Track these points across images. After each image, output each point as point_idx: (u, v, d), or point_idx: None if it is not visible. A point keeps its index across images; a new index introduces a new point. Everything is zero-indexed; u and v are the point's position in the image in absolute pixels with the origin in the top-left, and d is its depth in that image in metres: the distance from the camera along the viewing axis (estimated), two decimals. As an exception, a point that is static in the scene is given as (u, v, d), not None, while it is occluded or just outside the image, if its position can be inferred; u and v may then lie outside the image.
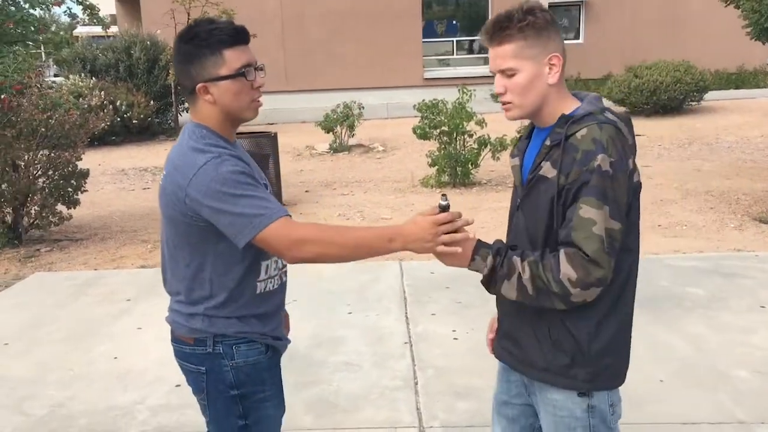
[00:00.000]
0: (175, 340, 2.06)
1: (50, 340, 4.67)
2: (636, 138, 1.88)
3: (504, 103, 1.86)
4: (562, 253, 1.72)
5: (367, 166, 11.54)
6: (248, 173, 1.87)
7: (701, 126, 13.64)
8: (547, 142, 1.80)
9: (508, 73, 1.79)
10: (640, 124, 13.96)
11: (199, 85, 1.90)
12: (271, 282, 2.04)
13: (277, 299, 2.08)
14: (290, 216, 1.84)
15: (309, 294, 5.15)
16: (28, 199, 7.16)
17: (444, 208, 1.82)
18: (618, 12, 20.28)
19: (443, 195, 1.89)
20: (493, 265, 1.79)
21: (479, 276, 1.85)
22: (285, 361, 2.23)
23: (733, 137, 12.26)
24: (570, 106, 1.84)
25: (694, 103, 15.55)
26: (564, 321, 1.81)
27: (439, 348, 4.28)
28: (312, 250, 1.80)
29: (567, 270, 1.70)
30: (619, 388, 1.98)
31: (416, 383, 3.85)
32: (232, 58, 1.88)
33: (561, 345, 1.84)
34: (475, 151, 9.26)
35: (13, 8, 7.70)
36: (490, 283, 1.82)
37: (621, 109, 1.90)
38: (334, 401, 3.69)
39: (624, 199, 1.74)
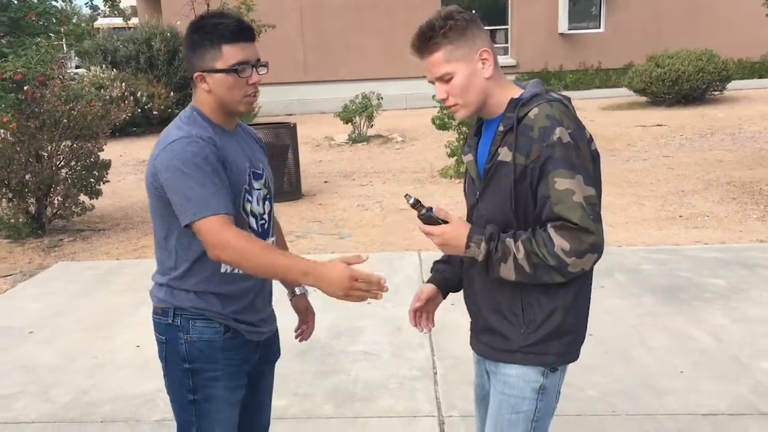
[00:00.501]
0: (153, 310, 2.16)
1: (74, 328, 4.74)
2: (657, 127, 1.89)
3: (450, 107, 1.90)
4: (550, 227, 1.76)
5: (385, 156, 11.54)
6: (212, 162, 1.92)
7: (724, 116, 13.46)
8: (500, 128, 1.84)
9: (446, 78, 1.84)
10: (661, 114, 13.82)
11: (197, 74, 2.01)
12: None
13: (246, 284, 2.09)
14: (229, 216, 1.90)
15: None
16: (51, 189, 7.25)
17: (414, 205, 1.88)
18: (640, 0, 20.02)
19: (407, 195, 1.91)
20: (487, 250, 1.81)
21: None
22: (305, 350, 2.26)
23: (756, 127, 12.09)
24: (515, 92, 1.89)
25: (716, 93, 15.31)
26: (539, 298, 1.87)
27: (458, 338, 4.27)
28: (231, 256, 1.87)
29: (560, 242, 1.74)
30: (638, 380, 2.02)
31: (435, 373, 3.86)
32: (230, 54, 1.97)
33: (535, 323, 1.89)
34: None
35: (35, 0, 7.78)
36: (488, 268, 1.84)
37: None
38: (353, 390, 3.71)
39: (590, 165, 1.80)
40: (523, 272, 1.79)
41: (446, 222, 1.88)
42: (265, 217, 2.16)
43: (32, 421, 3.54)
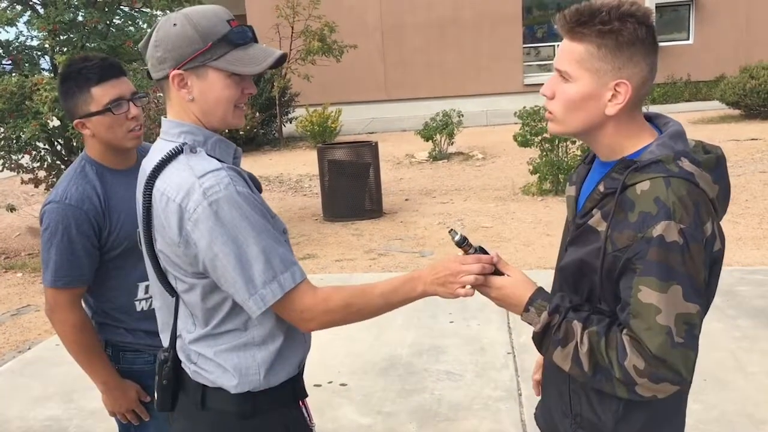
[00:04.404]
0: None
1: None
2: (752, 141, 1.63)
3: (545, 110, 1.54)
4: (626, 337, 1.38)
5: (466, 174, 11.50)
6: (73, 232, 2.02)
7: (825, 128, 12.76)
8: (600, 188, 1.46)
9: (563, 75, 1.45)
10: (757, 128, 13.22)
11: (76, 122, 2.08)
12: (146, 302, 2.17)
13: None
14: (67, 289, 2.07)
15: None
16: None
17: (461, 243, 1.57)
18: (731, 10, 19.28)
19: (451, 230, 1.59)
20: (547, 323, 1.46)
21: None
22: (387, 368, 2.26)
23: None
24: (636, 143, 1.46)
25: (816, 105, 14.57)
26: (589, 395, 1.54)
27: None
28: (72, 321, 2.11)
29: (633, 357, 1.36)
30: (735, 407, 1.82)
31: (520, 394, 3.80)
32: (99, 95, 2.02)
33: (581, 422, 1.56)
34: (579, 157, 9.05)
35: (132, 28, 8.21)
36: (541, 343, 1.50)
37: (713, 146, 1.51)
38: (436, 410, 3.70)
39: (701, 273, 1.37)
40: (580, 369, 1.43)
41: (502, 274, 1.55)
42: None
43: None
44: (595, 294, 1.49)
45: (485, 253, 1.57)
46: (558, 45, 1.60)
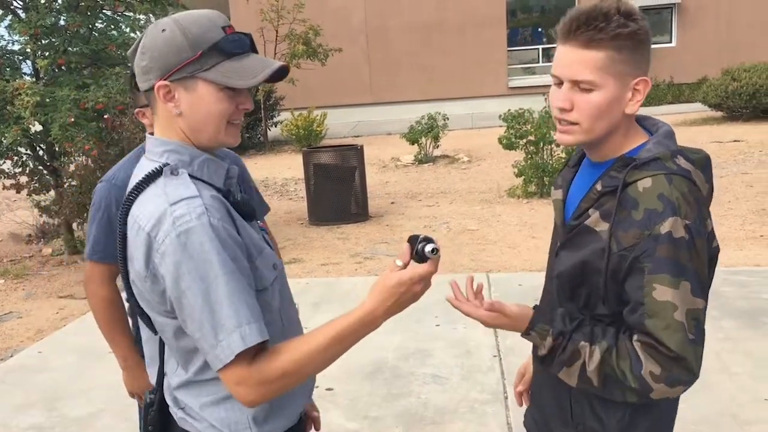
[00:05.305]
0: None
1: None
2: (734, 143, 1.65)
3: (565, 123, 1.44)
4: (636, 342, 1.37)
5: (452, 176, 11.52)
6: None
7: (806, 130, 12.91)
8: (598, 187, 1.44)
9: (583, 87, 1.38)
10: (739, 129, 13.34)
11: (136, 110, 2.22)
12: None
13: None
14: (96, 262, 2.18)
15: (396, 306, 5.17)
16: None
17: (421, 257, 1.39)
18: (713, 13, 19.48)
19: (434, 249, 1.39)
20: (552, 346, 1.45)
21: None
22: (374, 372, 2.25)
23: (842, 141, 11.55)
24: (632, 142, 1.46)
25: (797, 107, 14.74)
26: (593, 404, 1.52)
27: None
28: None
29: (649, 365, 1.35)
30: (720, 408, 1.84)
31: (506, 397, 3.80)
32: None
33: (585, 431, 1.55)
34: (563, 160, 9.09)
35: (115, 32, 8.15)
36: (546, 363, 1.48)
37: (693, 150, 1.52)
38: (423, 414, 3.69)
39: (705, 269, 1.38)
40: (589, 385, 1.42)
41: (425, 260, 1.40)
42: None
43: (112, 439, 3.66)
44: (593, 298, 1.47)
45: (430, 241, 1.38)
46: (542, 48, 1.56)
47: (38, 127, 7.29)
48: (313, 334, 1.35)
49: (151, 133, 1.45)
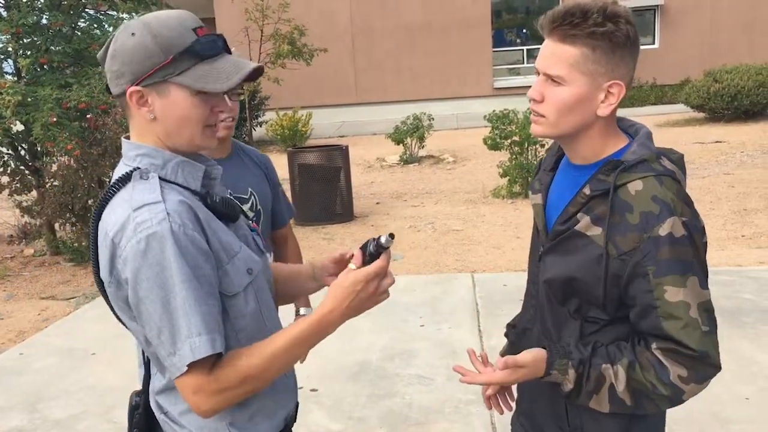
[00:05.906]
0: None
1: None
2: (716, 144, 1.67)
3: (536, 114, 1.46)
4: (657, 350, 1.38)
5: (437, 177, 11.53)
6: None
7: (787, 131, 13.05)
8: (586, 191, 1.43)
9: (554, 79, 1.40)
10: (720, 130, 13.47)
11: None
12: None
13: None
14: None
15: (381, 306, 5.15)
16: (113, 213, 7.45)
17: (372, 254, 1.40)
18: (695, 15, 19.66)
19: (386, 237, 1.40)
20: (576, 378, 1.43)
21: None
22: (358, 372, 2.24)
23: (822, 142, 11.69)
24: (614, 145, 1.46)
25: (778, 108, 14.92)
26: (591, 414, 1.50)
27: (513, 361, 4.22)
28: None
29: (675, 369, 1.37)
30: (703, 406, 1.84)
31: (490, 397, 3.81)
32: None
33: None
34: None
35: (98, 31, 8.08)
36: (575, 397, 1.46)
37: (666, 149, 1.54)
38: (407, 414, 3.69)
39: (705, 262, 1.40)
40: (623, 405, 1.41)
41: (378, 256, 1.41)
42: None
43: (94, 441, 3.63)
44: (587, 303, 1.46)
45: (380, 243, 1.39)
46: (526, 49, 1.56)
47: (20, 127, 7.22)
48: (273, 338, 1.34)
49: (128, 137, 1.42)
